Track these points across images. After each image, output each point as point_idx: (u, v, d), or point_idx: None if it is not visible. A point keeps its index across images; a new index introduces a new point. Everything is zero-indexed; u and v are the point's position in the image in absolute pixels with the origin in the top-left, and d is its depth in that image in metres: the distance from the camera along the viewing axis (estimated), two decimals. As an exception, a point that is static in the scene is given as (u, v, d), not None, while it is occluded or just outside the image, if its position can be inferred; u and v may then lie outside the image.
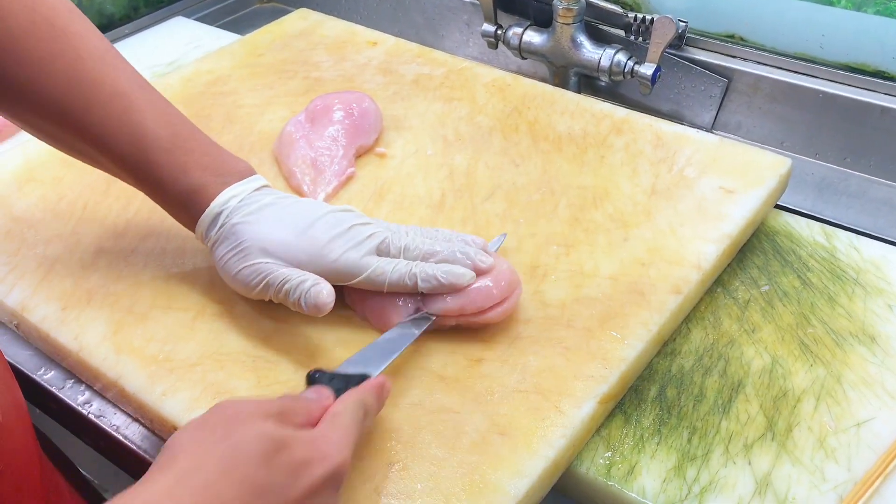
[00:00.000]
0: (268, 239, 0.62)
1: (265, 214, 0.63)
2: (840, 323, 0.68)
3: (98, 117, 0.62)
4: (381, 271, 0.62)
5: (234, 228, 0.63)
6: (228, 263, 0.63)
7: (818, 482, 0.57)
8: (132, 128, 0.62)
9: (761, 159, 0.79)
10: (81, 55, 0.62)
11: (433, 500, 0.53)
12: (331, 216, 0.64)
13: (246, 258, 0.62)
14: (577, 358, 0.61)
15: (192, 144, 0.64)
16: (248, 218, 0.63)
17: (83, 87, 0.61)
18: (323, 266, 0.62)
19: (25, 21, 0.60)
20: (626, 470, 0.58)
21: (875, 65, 0.87)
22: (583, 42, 0.97)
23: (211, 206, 0.63)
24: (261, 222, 0.63)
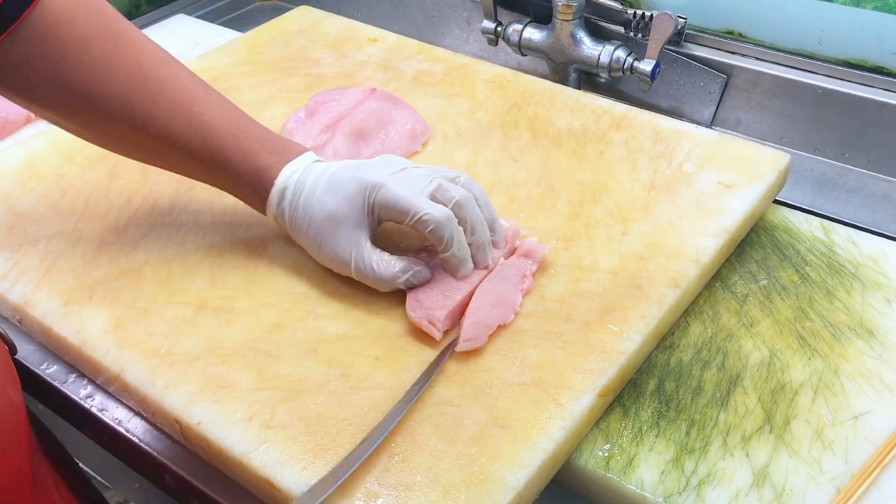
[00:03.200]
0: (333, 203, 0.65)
1: (323, 180, 0.66)
2: (838, 317, 0.68)
3: (163, 112, 0.65)
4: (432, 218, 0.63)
5: (302, 203, 0.66)
6: (312, 240, 0.67)
7: (815, 474, 0.57)
8: (197, 119, 0.66)
9: (760, 154, 0.79)
10: (142, 56, 0.66)
11: (433, 492, 0.53)
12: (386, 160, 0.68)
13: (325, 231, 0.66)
14: (576, 351, 0.62)
15: (254, 130, 0.68)
16: (311, 188, 0.66)
17: (148, 85, 0.65)
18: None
19: (93, 27, 0.63)
20: (625, 462, 0.59)
21: (873, 60, 0.88)
22: (582, 38, 0.98)
23: (276, 184, 0.67)
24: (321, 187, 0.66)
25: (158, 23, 1.21)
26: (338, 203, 0.65)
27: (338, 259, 0.66)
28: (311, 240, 0.67)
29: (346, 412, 0.58)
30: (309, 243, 0.68)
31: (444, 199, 0.65)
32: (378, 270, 0.65)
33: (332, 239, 0.66)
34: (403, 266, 0.65)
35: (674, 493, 0.56)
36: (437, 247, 0.65)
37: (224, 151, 0.66)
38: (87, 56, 0.63)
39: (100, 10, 0.65)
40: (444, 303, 0.64)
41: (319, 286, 0.69)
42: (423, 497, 0.53)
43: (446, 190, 0.65)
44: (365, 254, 0.65)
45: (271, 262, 0.71)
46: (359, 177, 0.65)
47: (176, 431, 0.61)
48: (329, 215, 0.65)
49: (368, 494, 0.53)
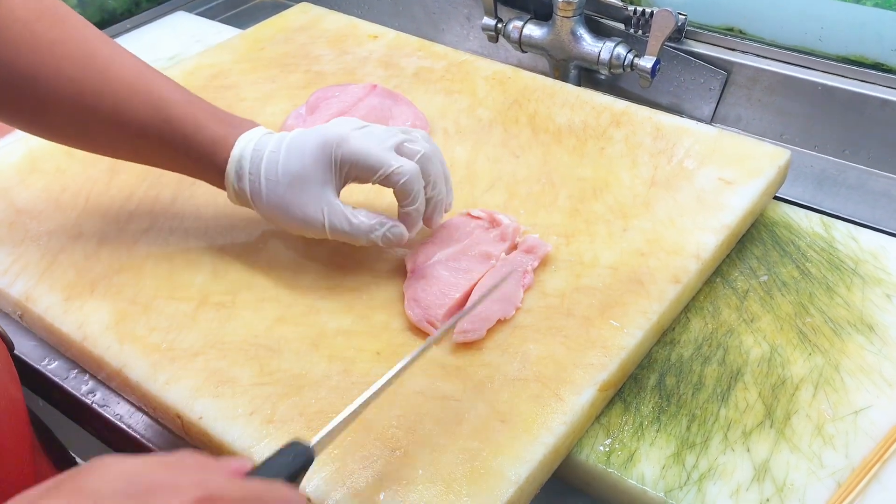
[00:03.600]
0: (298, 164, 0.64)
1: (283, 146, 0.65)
2: (838, 312, 0.68)
3: (114, 89, 0.65)
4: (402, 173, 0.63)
5: (264, 171, 0.65)
6: (278, 208, 0.65)
7: (816, 468, 0.57)
8: (149, 96, 0.65)
9: (760, 150, 0.79)
10: (86, 36, 0.65)
11: (435, 486, 0.53)
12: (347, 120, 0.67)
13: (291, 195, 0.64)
14: (576, 346, 0.62)
15: (204, 105, 0.68)
16: (271, 156, 0.65)
17: (95, 63, 0.65)
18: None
19: (33, 11, 0.63)
20: (626, 457, 0.59)
21: (874, 57, 0.88)
22: (583, 35, 0.98)
23: (232, 154, 0.65)
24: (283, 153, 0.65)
25: (158, 20, 1.21)
26: (302, 165, 0.64)
27: (309, 221, 0.64)
28: (276, 208, 0.65)
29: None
30: (275, 212, 0.66)
31: (410, 153, 0.64)
32: (354, 223, 0.64)
33: (299, 202, 0.64)
34: (379, 220, 0.64)
35: (675, 488, 0.57)
36: (403, 201, 0.64)
37: (177, 125, 0.65)
38: (32, 37, 0.63)
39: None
40: (443, 300, 0.64)
41: (321, 281, 0.69)
42: (425, 491, 0.53)
43: (411, 143, 0.65)
44: (336, 209, 0.64)
45: (272, 257, 0.71)
46: (321, 133, 0.64)
47: (177, 426, 0.61)
48: (294, 178, 0.64)
49: (371, 488, 0.53)
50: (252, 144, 0.66)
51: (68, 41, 0.64)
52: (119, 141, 0.68)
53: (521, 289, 0.65)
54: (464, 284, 0.65)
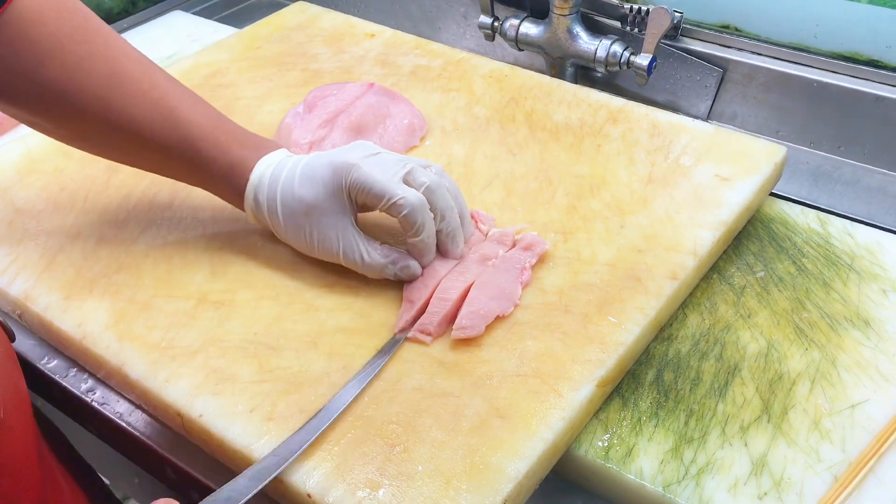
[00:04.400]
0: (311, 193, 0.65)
1: (297, 172, 0.66)
2: (835, 308, 0.69)
3: (139, 109, 0.66)
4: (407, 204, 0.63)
5: (280, 197, 0.66)
6: (295, 234, 0.67)
7: (813, 462, 0.57)
8: (172, 116, 0.66)
9: (756, 147, 0.79)
10: (116, 54, 0.66)
11: (434, 482, 0.53)
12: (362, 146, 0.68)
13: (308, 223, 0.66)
14: (575, 342, 0.62)
15: (228, 126, 0.69)
16: (286, 183, 0.66)
17: (123, 82, 0.66)
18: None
19: (66, 26, 0.64)
20: (625, 452, 0.59)
21: (868, 54, 0.88)
22: (579, 33, 0.98)
23: (251, 178, 0.67)
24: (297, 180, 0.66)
25: (155, 19, 1.22)
26: (315, 193, 0.65)
27: (324, 249, 0.66)
28: (293, 233, 0.67)
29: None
30: (292, 237, 0.68)
31: (416, 184, 0.65)
32: (367, 259, 0.65)
33: (316, 229, 0.66)
34: (393, 258, 0.66)
35: (673, 482, 0.57)
36: (407, 232, 0.65)
37: (199, 146, 0.67)
38: (62, 53, 0.63)
39: (73, 9, 0.65)
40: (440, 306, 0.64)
41: (320, 279, 0.69)
42: (425, 487, 0.53)
43: (418, 175, 0.65)
44: (352, 241, 0.65)
45: (271, 255, 0.72)
46: (332, 161, 0.65)
47: (177, 424, 0.61)
48: (309, 207, 0.65)
49: (370, 484, 0.54)
50: (270, 170, 0.67)
51: (96, 57, 0.65)
52: (143, 156, 0.70)
53: (519, 286, 0.66)
54: (460, 286, 0.65)
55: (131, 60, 0.67)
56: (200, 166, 0.68)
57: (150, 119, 0.66)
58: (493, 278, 0.66)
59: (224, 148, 0.67)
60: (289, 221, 0.67)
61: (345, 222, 0.65)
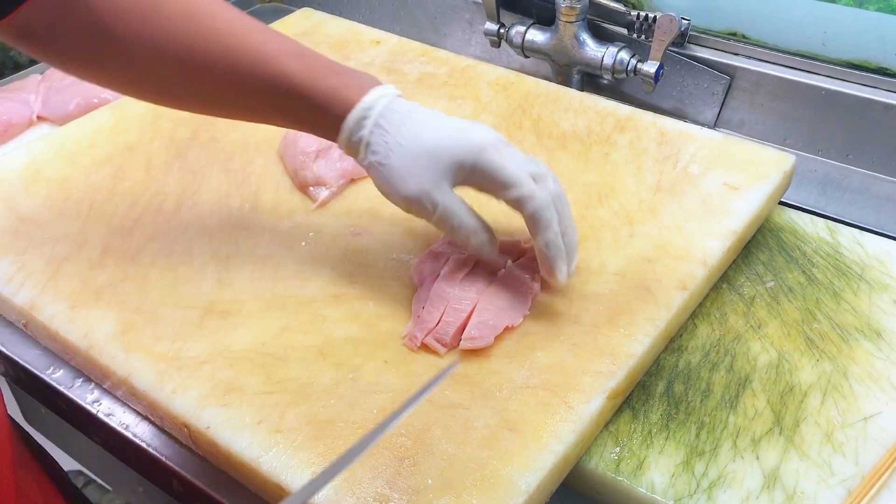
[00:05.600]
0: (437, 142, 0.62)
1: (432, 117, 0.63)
2: (845, 318, 0.68)
3: (222, 45, 0.62)
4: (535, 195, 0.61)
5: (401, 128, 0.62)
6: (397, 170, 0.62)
7: (826, 476, 0.57)
8: (257, 45, 0.63)
9: (765, 156, 0.79)
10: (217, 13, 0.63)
11: (444, 496, 0.53)
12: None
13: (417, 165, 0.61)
14: (584, 354, 0.62)
15: (318, 55, 0.65)
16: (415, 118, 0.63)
17: (201, 20, 0.62)
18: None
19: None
20: (635, 465, 0.58)
21: (877, 61, 0.88)
22: (586, 40, 0.97)
23: (363, 101, 0.62)
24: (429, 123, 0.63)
25: (159, 25, 1.21)
26: (441, 142, 0.61)
27: (422, 197, 0.62)
28: (394, 170, 0.62)
29: (355, 415, 0.58)
30: (389, 174, 0.62)
31: (542, 181, 0.63)
32: (464, 217, 0.62)
33: (421, 174, 0.61)
34: (487, 230, 0.63)
35: (684, 496, 0.56)
36: (533, 229, 0.62)
37: (289, 74, 0.62)
38: (133, 3, 0.61)
39: None
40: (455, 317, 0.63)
41: (327, 289, 0.68)
42: (435, 500, 0.53)
43: (545, 176, 0.63)
44: (451, 201, 0.62)
45: (278, 265, 0.71)
46: (471, 129, 0.62)
47: (184, 436, 0.61)
48: (427, 151, 0.61)
49: (380, 498, 0.53)
50: (386, 100, 0.63)
51: (170, 1, 0.62)
52: (230, 99, 0.66)
53: (528, 296, 0.65)
54: (471, 299, 0.65)
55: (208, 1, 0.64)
56: (290, 95, 0.63)
57: (234, 56, 0.62)
58: (502, 289, 0.65)
59: (317, 75, 0.63)
60: (396, 157, 0.62)
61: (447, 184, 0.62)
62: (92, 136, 0.87)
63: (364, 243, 0.72)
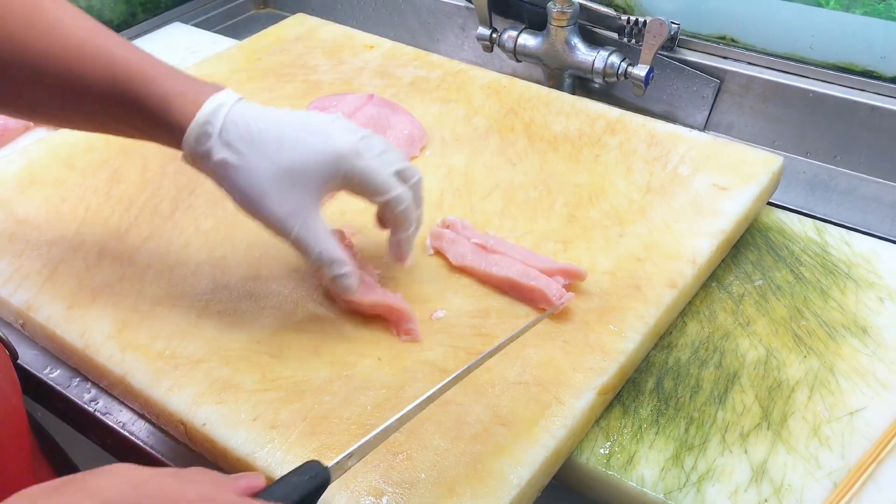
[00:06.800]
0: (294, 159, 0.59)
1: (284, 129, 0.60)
2: (832, 315, 0.69)
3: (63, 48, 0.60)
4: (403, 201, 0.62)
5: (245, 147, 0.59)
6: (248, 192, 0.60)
7: (813, 469, 0.58)
8: (99, 51, 0.60)
9: (753, 157, 0.80)
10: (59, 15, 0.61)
11: (437, 489, 0.54)
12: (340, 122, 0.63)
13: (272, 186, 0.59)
14: (576, 351, 0.63)
15: (160, 62, 0.62)
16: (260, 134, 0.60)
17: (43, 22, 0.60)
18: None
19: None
20: (626, 459, 0.59)
21: (863, 64, 0.89)
22: (577, 44, 0.99)
23: (198, 115, 0.59)
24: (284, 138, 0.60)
25: (154, 31, 1.22)
26: (302, 159, 0.59)
27: (278, 221, 0.60)
28: (246, 191, 0.59)
29: (349, 412, 0.59)
30: (242, 195, 0.60)
31: (407, 176, 0.64)
32: (323, 253, 0.61)
33: (277, 197, 0.59)
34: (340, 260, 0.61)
35: (674, 490, 0.57)
36: (398, 227, 0.64)
37: (130, 79, 0.60)
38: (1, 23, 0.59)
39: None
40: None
41: (321, 289, 0.69)
42: (428, 494, 0.53)
43: (409, 168, 0.64)
44: (311, 226, 0.60)
45: (273, 265, 0.72)
46: (331, 136, 0.60)
47: (181, 433, 0.61)
48: (286, 171, 0.59)
49: (373, 492, 0.54)
50: (225, 111, 0.60)
51: (13, 3, 0.60)
52: (70, 105, 0.63)
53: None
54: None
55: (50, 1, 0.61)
56: (133, 103, 0.60)
57: (75, 59, 0.60)
58: None
59: (158, 81, 0.60)
60: (248, 177, 0.59)
61: (313, 204, 0.60)
62: (88, 139, 0.88)
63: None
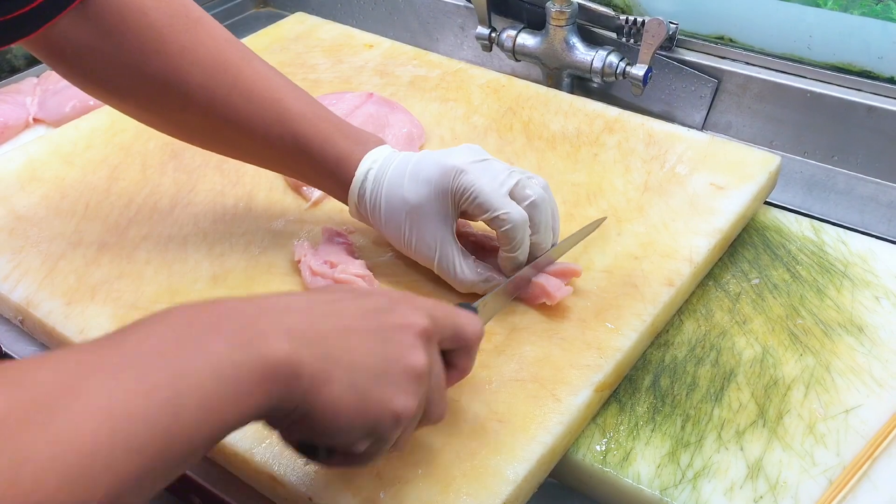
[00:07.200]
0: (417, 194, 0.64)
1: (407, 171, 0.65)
2: (829, 314, 0.69)
3: (244, 99, 0.65)
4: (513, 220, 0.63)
5: (385, 193, 0.65)
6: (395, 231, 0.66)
7: (808, 466, 0.58)
8: (277, 106, 0.65)
9: (751, 156, 0.81)
10: (217, 44, 0.65)
11: (434, 485, 0.54)
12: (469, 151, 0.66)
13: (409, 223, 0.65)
14: (572, 348, 0.63)
15: (332, 118, 0.68)
16: (393, 180, 0.65)
17: (227, 71, 0.65)
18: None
19: (164, 15, 0.63)
20: (622, 456, 0.60)
21: (861, 65, 0.89)
22: (575, 44, 0.99)
23: (357, 173, 0.66)
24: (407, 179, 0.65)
25: (155, 29, 1.22)
26: (419, 193, 0.64)
27: (421, 253, 0.66)
28: (394, 232, 0.67)
29: (347, 408, 0.59)
30: (392, 235, 0.67)
31: (521, 197, 0.64)
32: (459, 273, 0.65)
33: (416, 232, 0.65)
34: (486, 276, 0.66)
35: (670, 486, 0.58)
36: (504, 246, 0.64)
37: (305, 138, 0.65)
38: (164, 44, 0.63)
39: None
40: None
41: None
42: (425, 490, 0.54)
43: (524, 188, 0.64)
44: (449, 251, 0.65)
45: (271, 263, 0.72)
46: (441, 162, 0.64)
47: (179, 429, 0.61)
48: (412, 208, 0.64)
49: (370, 487, 0.54)
50: (377, 165, 0.66)
51: (199, 47, 0.64)
52: (248, 148, 0.69)
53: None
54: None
55: (233, 50, 0.66)
56: (306, 160, 0.67)
57: (254, 110, 0.65)
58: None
59: (330, 140, 0.66)
60: (390, 220, 0.66)
61: (444, 230, 0.65)
62: (88, 137, 0.89)
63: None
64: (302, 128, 0.65)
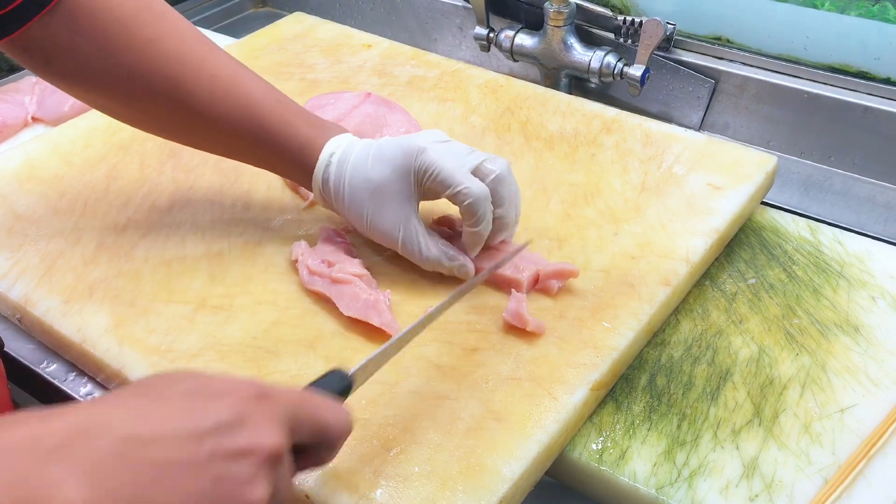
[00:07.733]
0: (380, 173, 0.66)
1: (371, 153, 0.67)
2: (825, 314, 0.70)
3: (208, 90, 0.66)
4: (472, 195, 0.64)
5: (348, 177, 0.67)
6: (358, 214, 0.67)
7: (804, 465, 0.58)
8: (241, 94, 0.67)
9: (748, 157, 0.81)
10: (182, 35, 0.67)
11: (430, 483, 0.54)
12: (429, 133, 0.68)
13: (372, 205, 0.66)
14: (569, 347, 0.63)
15: (295, 107, 0.70)
16: (357, 162, 0.67)
17: (192, 63, 0.66)
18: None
19: (130, 10, 0.65)
20: (618, 455, 0.60)
21: (858, 65, 0.90)
22: (573, 44, 0.99)
23: (320, 158, 0.68)
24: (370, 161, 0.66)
25: (153, 29, 1.22)
26: (384, 174, 0.65)
27: (385, 233, 0.67)
28: (357, 214, 0.68)
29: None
30: (355, 217, 0.68)
31: (484, 173, 0.65)
32: (424, 252, 0.67)
33: (379, 212, 0.66)
34: (450, 254, 0.67)
35: (666, 485, 0.58)
36: (467, 221, 0.65)
37: (268, 126, 0.67)
38: (130, 37, 0.64)
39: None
40: None
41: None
42: (421, 487, 0.54)
43: (487, 165, 0.66)
44: (413, 231, 0.66)
45: (269, 261, 0.72)
46: (402, 143, 0.66)
47: (176, 427, 0.62)
48: (376, 188, 0.66)
49: (367, 485, 0.54)
50: (340, 150, 0.68)
51: (165, 39, 0.66)
52: (214, 138, 0.70)
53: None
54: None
55: (197, 41, 0.67)
56: (270, 146, 0.68)
57: (219, 99, 0.67)
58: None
59: (293, 127, 0.68)
60: (354, 202, 0.67)
61: (408, 209, 0.66)
62: (86, 135, 0.89)
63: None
64: (266, 116, 0.67)
